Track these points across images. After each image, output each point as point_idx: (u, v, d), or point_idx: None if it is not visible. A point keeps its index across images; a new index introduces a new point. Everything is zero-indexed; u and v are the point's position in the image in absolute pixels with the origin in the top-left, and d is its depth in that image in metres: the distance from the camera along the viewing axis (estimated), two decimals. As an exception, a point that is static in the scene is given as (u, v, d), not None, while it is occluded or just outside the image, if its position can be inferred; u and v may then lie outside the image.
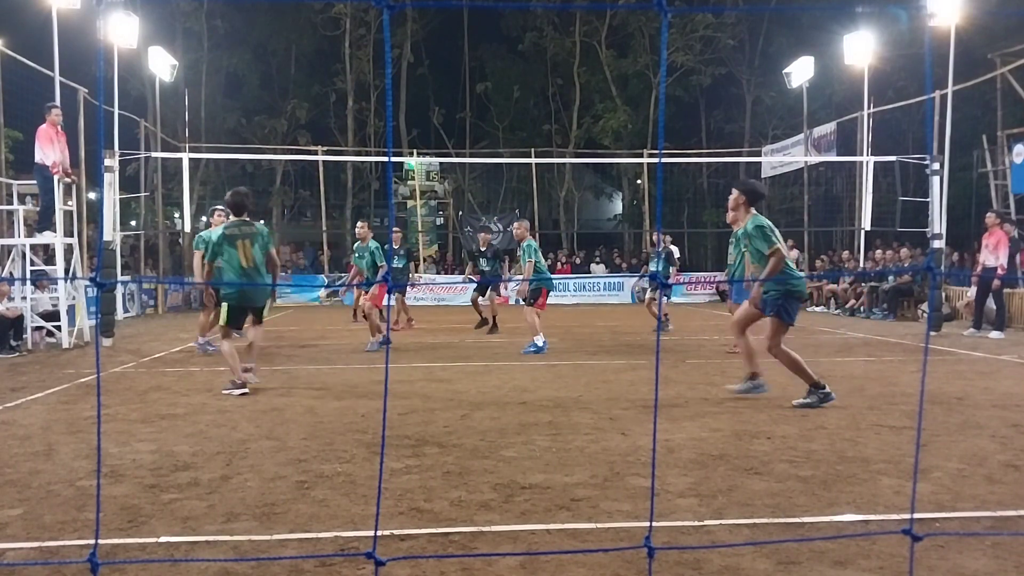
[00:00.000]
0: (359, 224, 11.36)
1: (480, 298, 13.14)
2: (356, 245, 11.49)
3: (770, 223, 6.46)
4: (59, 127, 10.97)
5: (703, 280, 23.91)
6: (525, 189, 26.95)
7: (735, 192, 6.61)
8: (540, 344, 10.03)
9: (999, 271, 11.87)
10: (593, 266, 25.59)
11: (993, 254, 12.10)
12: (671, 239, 15.06)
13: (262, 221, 7.77)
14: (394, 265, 12.96)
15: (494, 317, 12.66)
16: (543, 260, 10.52)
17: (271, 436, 5.28)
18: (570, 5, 26.11)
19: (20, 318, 10.35)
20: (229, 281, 7.31)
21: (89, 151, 15.96)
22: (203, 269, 9.02)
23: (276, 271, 7.55)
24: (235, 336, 7.35)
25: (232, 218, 7.41)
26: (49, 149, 10.65)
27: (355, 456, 4.72)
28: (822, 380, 6.35)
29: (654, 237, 18.40)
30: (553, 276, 22.68)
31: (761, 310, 6.50)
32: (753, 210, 6.53)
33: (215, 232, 7.64)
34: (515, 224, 10.93)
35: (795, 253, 20.37)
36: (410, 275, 16.03)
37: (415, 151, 27.13)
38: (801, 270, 21.84)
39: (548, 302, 10.68)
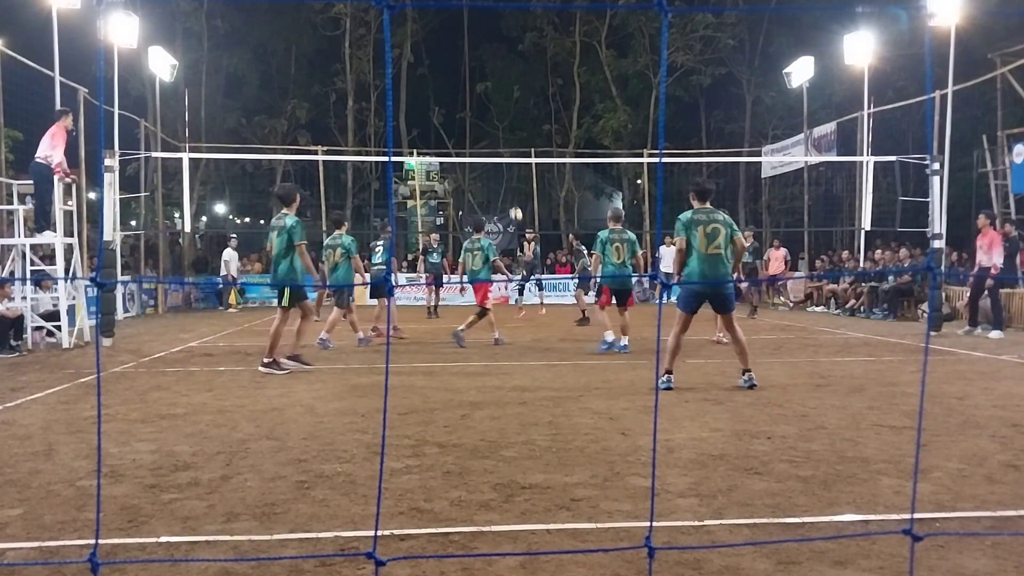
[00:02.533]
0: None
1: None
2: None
3: (686, 217, 7.16)
4: (68, 132, 11.06)
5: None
6: (525, 189, 26.95)
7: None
8: (610, 341, 9.93)
9: (992, 271, 11.91)
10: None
11: (987, 255, 12.13)
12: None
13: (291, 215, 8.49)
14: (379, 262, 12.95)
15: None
16: (610, 255, 9.91)
17: (271, 436, 5.28)
18: (570, 5, 26.11)
19: (20, 318, 10.35)
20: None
21: (89, 151, 15.96)
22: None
23: (306, 262, 8.27)
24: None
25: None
26: (59, 149, 10.71)
27: (355, 456, 4.72)
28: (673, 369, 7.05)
29: (571, 238, 18.74)
30: (553, 276, 22.64)
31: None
32: (703, 204, 7.29)
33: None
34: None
35: (783, 252, 20.12)
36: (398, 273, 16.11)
37: (415, 151, 27.13)
38: (799, 270, 21.89)
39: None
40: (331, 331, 10.63)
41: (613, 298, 10.20)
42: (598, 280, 10.43)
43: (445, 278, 18.19)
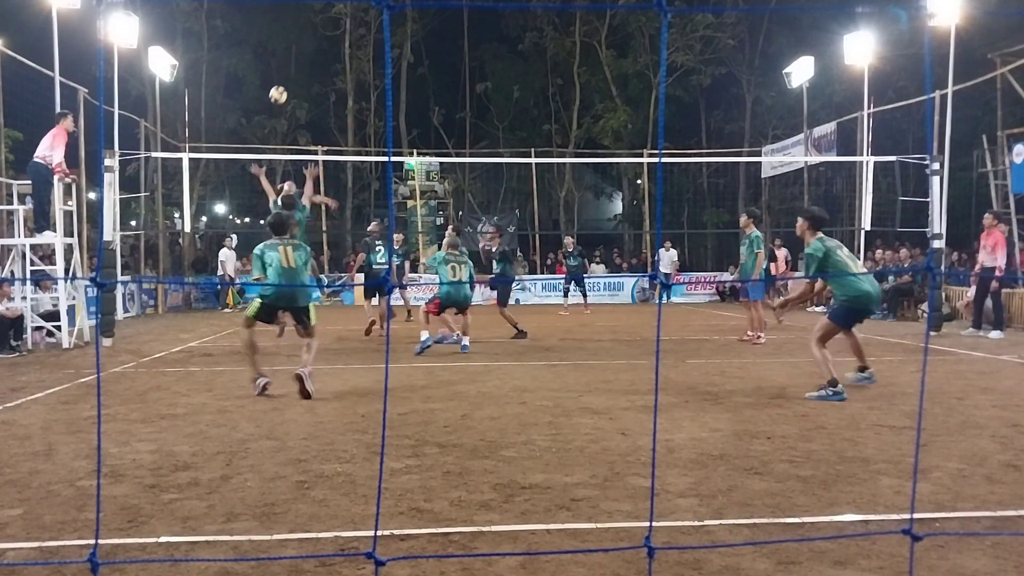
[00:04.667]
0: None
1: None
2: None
3: (831, 244, 6.95)
4: (68, 133, 11.08)
5: (703, 280, 23.89)
6: (525, 189, 26.95)
7: (800, 220, 7.25)
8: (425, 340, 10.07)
9: (997, 272, 11.87)
10: (593, 266, 25.58)
11: (991, 255, 12.09)
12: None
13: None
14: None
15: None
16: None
17: (271, 436, 5.28)
18: (570, 5, 26.12)
19: (20, 318, 10.35)
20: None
21: (89, 151, 15.96)
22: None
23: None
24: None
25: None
26: (59, 150, 10.72)
27: (355, 456, 4.72)
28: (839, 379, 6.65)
29: (565, 240, 18.76)
30: (553, 277, 22.60)
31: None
32: (819, 233, 7.02)
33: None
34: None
35: (784, 252, 20.26)
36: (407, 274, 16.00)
37: (415, 151, 27.13)
38: (799, 270, 21.88)
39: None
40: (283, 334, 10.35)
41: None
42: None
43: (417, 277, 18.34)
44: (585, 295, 18.23)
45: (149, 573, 3.08)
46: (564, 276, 18.76)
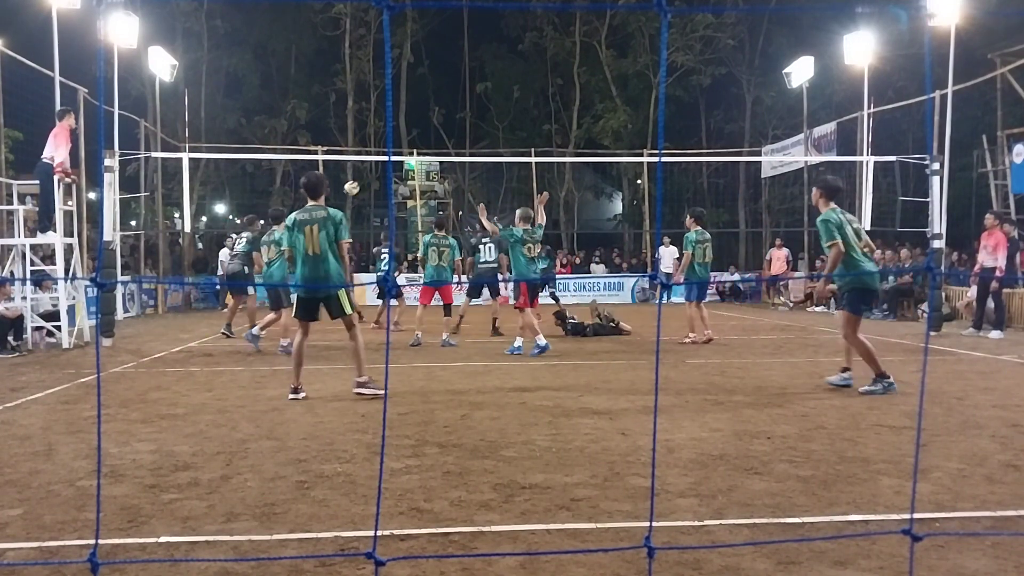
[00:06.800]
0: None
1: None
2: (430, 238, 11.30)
3: (839, 218, 6.83)
4: (71, 130, 11.08)
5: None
6: (525, 189, 26.95)
7: (814, 189, 7.30)
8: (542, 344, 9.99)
9: (998, 272, 11.86)
10: (593, 266, 25.58)
11: (992, 255, 12.08)
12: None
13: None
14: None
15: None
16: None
17: (271, 436, 5.28)
18: (570, 5, 26.12)
19: (20, 318, 10.35)
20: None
21: (89, 151, 15.96)
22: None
23: (345, 262, 6.89)
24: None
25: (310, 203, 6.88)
26: (63, 149, 10.72)
27: (355, 456, 4.72)
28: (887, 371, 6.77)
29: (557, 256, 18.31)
30: (553, 277, 22.66)
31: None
32: (832, 204, 6.96)
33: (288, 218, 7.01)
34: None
35: (785, 252, 20.35)
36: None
37: (415, 151, 27.13)
38: (799, 270, 21.90)
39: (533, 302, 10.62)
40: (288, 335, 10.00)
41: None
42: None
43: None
44: (557, 299, 15.99)
45: (149, 573, 3.08)
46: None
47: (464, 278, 13.27)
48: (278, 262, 9.96)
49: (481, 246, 12.43)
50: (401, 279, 20.60)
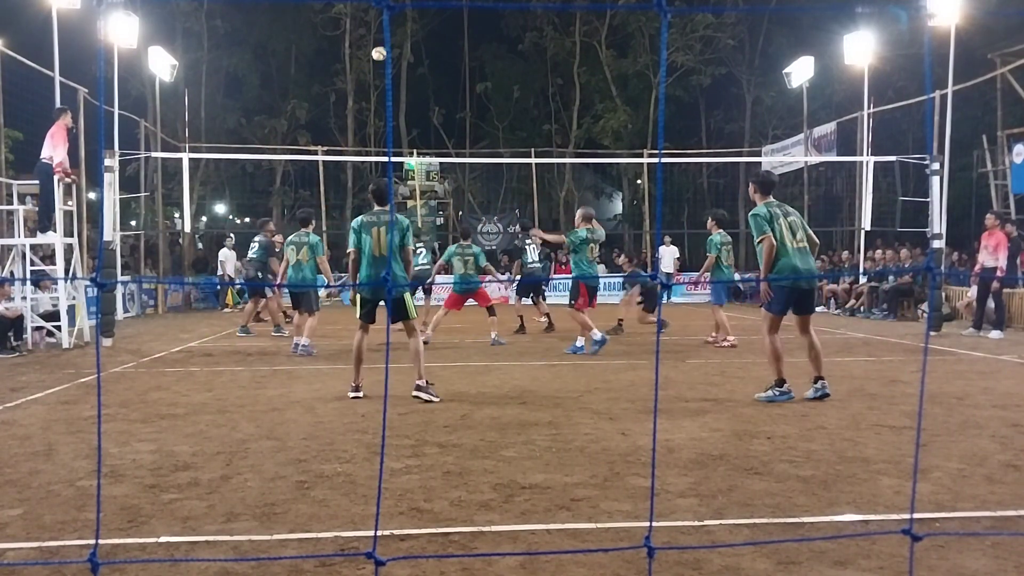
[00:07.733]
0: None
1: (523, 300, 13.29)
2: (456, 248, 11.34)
3: (768, 211, 6.52)
4: (68, 129, 11.06)
5: (704, 280, 23.84)
6: (525, 189, 26.96)
7: (750, 183, 7.08)
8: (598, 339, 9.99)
9: (998, 273, 11.86)
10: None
11: (993, 255, 12.08)
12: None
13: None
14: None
15: (521, 318, 12.87)
16: None
17: (271, 436, 5.28)
18: (570, 5, 26.12)
19: (20, 318, 10.35)
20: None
21: (89, 151, 15.96)
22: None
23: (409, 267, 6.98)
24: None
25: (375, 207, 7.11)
26: (61, 148, 10.71)
27: (355, 456, 4.72)
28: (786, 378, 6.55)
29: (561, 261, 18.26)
30: (553, 277, 22.61)
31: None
32: (769, 197, 6.67)
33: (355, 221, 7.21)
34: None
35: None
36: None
37: (415, 151, 27.13)
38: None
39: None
40: (311, 335, 10.15)
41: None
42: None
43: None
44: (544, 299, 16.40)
45: (149, 573, 3.08)
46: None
47: (516, 278, 13.78)
48: (310, 264, 10.17)
49: (527, 247, 12.97)
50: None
